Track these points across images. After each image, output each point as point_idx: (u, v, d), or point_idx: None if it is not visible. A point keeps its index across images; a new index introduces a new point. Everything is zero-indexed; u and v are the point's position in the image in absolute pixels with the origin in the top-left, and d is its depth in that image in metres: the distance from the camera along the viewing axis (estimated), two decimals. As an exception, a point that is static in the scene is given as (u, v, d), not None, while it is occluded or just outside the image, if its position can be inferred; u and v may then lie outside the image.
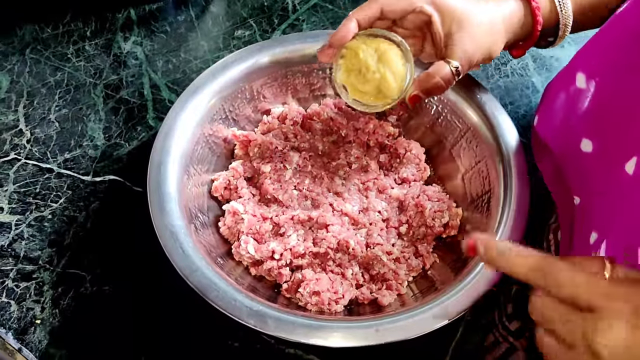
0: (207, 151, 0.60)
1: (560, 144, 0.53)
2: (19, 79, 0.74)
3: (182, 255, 0.48)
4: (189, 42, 0.78)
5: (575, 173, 0.50)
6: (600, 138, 0.47)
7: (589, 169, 0.47)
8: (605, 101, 0.46)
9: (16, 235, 0.61)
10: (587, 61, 0.50)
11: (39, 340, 0.55)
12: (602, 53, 0.48)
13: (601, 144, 0.46)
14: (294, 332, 0.45)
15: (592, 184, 0.47)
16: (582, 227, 0.48)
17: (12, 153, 0.67)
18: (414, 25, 0.54)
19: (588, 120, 0.48)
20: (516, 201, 0.54)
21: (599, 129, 0.47)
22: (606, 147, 0.46)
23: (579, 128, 0.49)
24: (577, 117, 0.50)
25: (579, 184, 0.49)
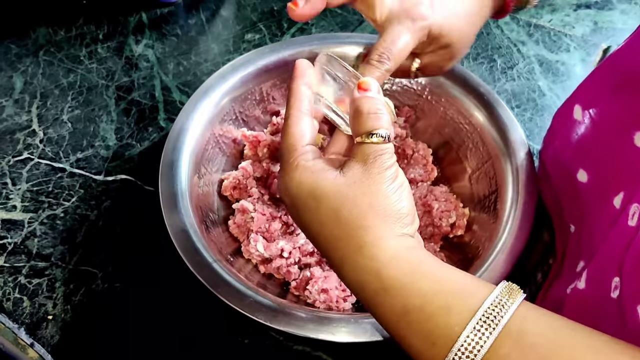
0: (217, 151, 0.61)
1: (559, 172, 0.54)
2: (33, 80, 0.75)
3: (193, 253, 0.49)
4: (199, 45, 0.79)
5: (571, 202, 0.51)
6: (594, 170, 0.48)
7: (584, 199, 0.48)
8: (598, 134, 0.48)
9: (29, 233, 0.62)
10: (584, 94, 0.51)
11: (51, 335, 0.56)
12: (597, 88, 0.49)
13: (595, 176, 0.47)
14: (304, 327, 0.45)
15: (585, 213, 0.48)
16: (573, 254, 0.49)
17: (26, 152, 0.69)
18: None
19: (584, 151, 0.49)
20: (523, 201, 0.54)
21: (593, 160, 0.48)
22: (599, 179, 0.47)
23: (576, 158, 0.50)
24: (575, 148, 0.51)
25: (574, 212, 0.50)
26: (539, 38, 0.80)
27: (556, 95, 0.74)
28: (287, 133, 0.39)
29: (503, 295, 0.31)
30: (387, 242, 0.34)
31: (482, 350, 0.29)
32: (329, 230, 0.35)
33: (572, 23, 0.82)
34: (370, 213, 0.34)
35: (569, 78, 0.76)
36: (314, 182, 0.36)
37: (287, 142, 0.38)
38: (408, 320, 0.32)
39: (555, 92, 0.74)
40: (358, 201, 0.34)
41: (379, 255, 0.33)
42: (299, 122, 0.39)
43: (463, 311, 0.31)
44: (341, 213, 0.35)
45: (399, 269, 0.33)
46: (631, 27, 0.80)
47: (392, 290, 0.33)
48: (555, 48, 0.79)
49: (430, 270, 0.33)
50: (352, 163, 0.36)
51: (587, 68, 0.76)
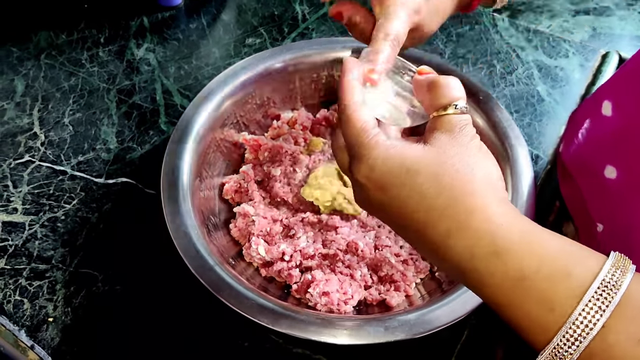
0: (218, 155, 0.61)
1: (584, 170, 0.53)
2: (34, 83, 0.76)
3: (195, 255, 0.49)
4: (200, 49, 0.79)
5: (598, 200, 0.50)
6: (625, 165, 0.47)
7: (613, 195, 0.48)
8: (630, 129, 0.47)
9: (30, 235, 0.62)
10: (614, 90, 0.51)
11: (51, 337, 0.56)
12: (629, 82, 0.49)
13: (625, 171, 0.47)
14: (306, 330, 0.46)
15: (616, 210, 0.48)
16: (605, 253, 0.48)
17: (27, 155, 0.69)
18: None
19: (613, 148, 0.49)
20: (522, 207, 0.54)
21: (624, 156, 0.47)
22: (631, 175, 0.46)
23: (603, 155, 0.50)
24: (602, 144, 0.51)
25: (602, 210, 0.50)
26: (538, 43, 0.81)
27: (555, 100, 0.74)
28: (352, 119, 0.37)
29: (618, 262, 0.30)
30: (496, 206, 0.33)
31: (605, 315, 0.29)
32: (432, 201, 0.33)
33: (571, 29, 0.83)
34: (473, 177, 0.33)
35: (568, 83, 0.76)
36: (403, 155, 0.35)
37: (355, 127, 0.37)
38: (524, 285, 0.31)
39: (554, 97, 0.74)
40: (458, 167, 0.34)
41: (492, 219, 0.32)
42: (359, 109, 0.38)
43: (583, 275, 0.30)
44: (444, 180, 0.33)
45: (513, 231, 0.32)
46: (630, 33, 0.81)
47: (507, 253, 0.31)
48: (554, 53, 0.79)
49: (542, 234, 0.32)
50: (438, 134, 0.35)
51: (585, 73, 0.77)
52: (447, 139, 0.35)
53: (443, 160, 0.34)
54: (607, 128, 0.50)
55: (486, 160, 0.35)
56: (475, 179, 0.33)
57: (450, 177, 0.33)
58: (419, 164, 0.34)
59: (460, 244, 0.33)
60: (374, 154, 0.35)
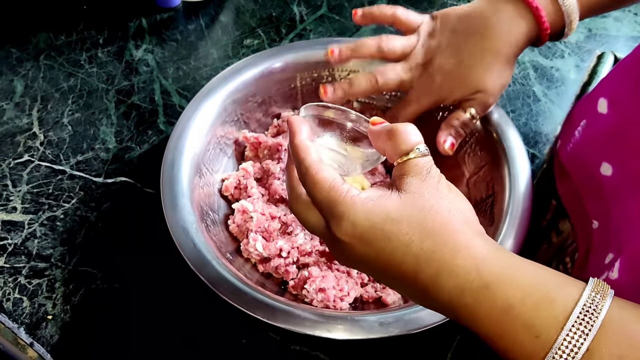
0: (218, 152, 0.62)
1: (580, 167, 0.54)
2: (33, 84, 0.76)
3: (193, 250, 0.50)
4: (199, 50, 0.80)
5: (594, 197, 0.51)
6: (620, 162, 0.48)
7: (608, 192, 0.49)
8: (626, 127, 0.48)
9: (29, 234, 0.63)
10: (610, 88, 0.52)
11: (51, 335, 0.56)
12: (625, 80, 0.50)
13: (621, 168, 0.47)
14: (302, 324, 0.46)
15: (610, 207, 0.48)
16: (599, 249, 0.49)
17: (26, 155, 0.69)
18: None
19: (608, 145, 0.49)
20: (519, 205, 0.55)
21: (619, 153, 0.48)
22: (626, 172, 0.47)
23: (599, 152, 0.50)
24: (598, 141, 0.51)
25: (597, 207, 0.50)
26: (533, 44, 0.81)
27: (551, 100, 0.75)
28: (319, 180, 0.37)
29: (597, 288, 0.32)
30: (477, 242, 0.34)
31: (589, 338, 0.30)
32: (418, 248, 0.34)
33: (567, 30, 0.83)
34: (452, 218, 0.34)
35: (564, 84, 0.77)
36: (384, 206, 0.35)
37: (325, 186, 0.37)
38: (511, 315, 0.32)
39: (550, 98, 0.75)
40: (437, 210, 0.35)
41: (477, 254, 0.33)
42: (322, 168, 0.38)
43: (564, 302, 0.31)
44: (427, 226, 0.34)
45: (497, 264, 0.33)
46: (625, 34, 0.81)
47: (493, 285, 0.32)
48: (549, 54, 0.80)
49: (524, 265, 0.34)
50: (409, 179, 0.36)
51: (581, 74, 0.78)
52: (418, 183, 0.36)
53: (422, 206, 0.35)
54: (602, 125, 0.51)
55: (457, 198, 0.36)
56: (454, 219, 0.35)
57: (432, 221, 0.34)
58: (401, 214, 0.35)
59: (450, 283, 0.34)
60: (354, 210, 0.36)
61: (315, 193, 0.38)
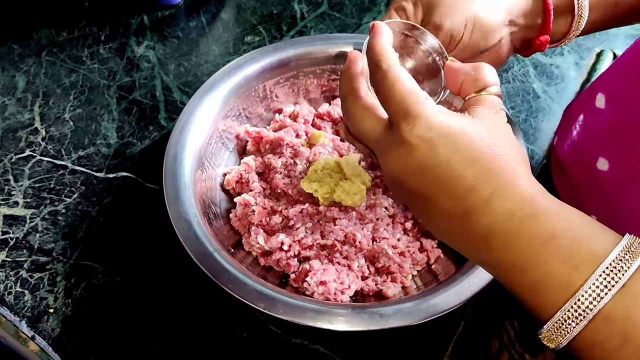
0: (220, 146, 0.62)
1: (577, 162, 0.54)
2: (35, 80, 0.76)
3: (195, 242, 0.50)
4: (200, 46, 0.80)
5: (591, 192, 0.51)
6: (617, 157, 0.48)
7: (605, 187, 0.49)
8: (623, 122, 0.48)
9: (31, 228, 0.63)
10: (609, 83, 0.52)
11: (52, 328, 0.56)
12: (623, 76, 0.50)
13: (618, 163, 0.48)
14: (302, 315, 0.46)
15: (607, 201, 0.48)
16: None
17: (28, 150, 0.69)
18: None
19: (605, 140, 0.50)
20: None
21: (616, 148, 0.48)
22: (623, 166, 0.47)
23: (596, 147, 0.51)
24: (595, 137, 0.51)
25: (595, 202, 0.51)
26: (533, 42, 0.82)
27: (550, 97, 0.75)
28: (399, 81, 0.37)
29: (636, 240, 0.32)
30: (533, 180, 0.36)
31: (627, 275, 0.31)
32: (484, 166, 0.34)
33: (566, 28, 0.84)
34: (519, 152, 0.36)
35: (563, 81, 0.77)
36: (459, 121, 0.35)
37: (405, 88, 0.36)
38: (554, 244, 0.33)
39: (549, 95, 0.75)
40: (506, 139, 0.36)
41: (533, 187, 0.35)
42: (404, 72, 0.38)
43: (606, 240, 0.32)
44: (495, 147, 0.35)
45: (550, 198, 0.35)
46: (624, 31, 0.82)
47: (542, 216, 0.33)
48: (549, 52, 0.80)
49: (571, 208, 0.35)
50: (482, 109, 0.37)
51: (580, 71, 0.78)
52: (491, 115, 0.37)
53: (494, 133, 0.36)
54: (600, 121, 0.51)
55: (519, 142, 0.38)
56: (520, 153, 0.36)
57: (501, 147, 0.35)
58: (476, 132, 0.35)
59: (502, 207, 0.34)
60: (433, 114, 0.35)
61: (394, 92, 0.37)
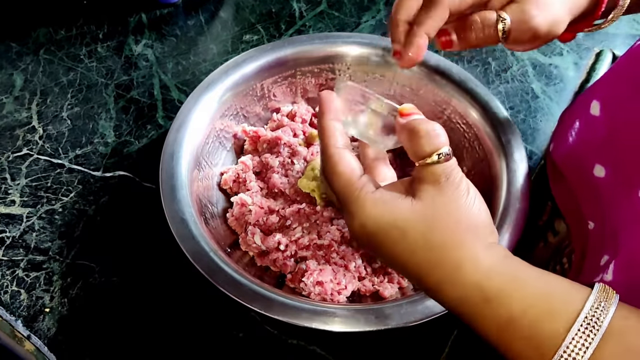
0: (217, 145, 0.62)
1: (574, 169, 0.54)
2: (33, 78, 0.76)
3: (191, 241, 0.50)
4: (198, 45, 0.80)
5: (589, 198, 0.51)
6: (613, 164, 0.48)
7: (602, 194, 0.49)
8: (618, 129, 0.48)
9: (27, 227, 0.63)
10: (603, 90, 0.52)
11: (48, 328, 0.56)
12: (618, 83, 0.49)
13: (614, 170, 0.47)
14: (298, 316, 0.46)
15: (605, 208, 0.48)
16: (595, 250, 0.49)
17: (25, 149, 0.69)
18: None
19: (601, 147, 0.49)
20: (516, 201, 0.55)
21: (611, 155, 0.48)
22: (619, 173, 0.47)
23: (592, 154, 0.50)
24: (591, 143, 0.51)
25: (593, 208, 0.50)
26: (533, 42, 0.81)
27: (549, 97, 0.75)
28: (337, 172, 0.38)
29: (601, 296, 0.32)
30: (482, 254, 0.34)
31: (588, 351, 0.30)
32: (421, 257, 0.35)
33: (566, 28, 0.83)
34: (460, 230, 0.35)
35: (562, 81, 0.77)
36: (392, 212, 0.36)
37: (341, 181, 0.38)
38: (512, 327, 0.32)
39: (548, 95, 0.75)
40: (445, 222, 0.35)
41: (479, 268, 0.34)
42: (343, 158, 0.38)
43: (566, 314, 0.31)
44: (432, 237, 0.35)
45: (499, 279, 0.33)
46: (623, 32, 0.81)
47: (495, 300, 0.33)
48: (548, 52, 0.80)
49: (529, 276, 0.34)
50: (424, 186, 0.36)
51: (579, 71, 0.78)
52: (434, 192, 0.36)
53: (431, 217, 0.35)
54: (595, 128, 0.51)
55: (474, 206, 0.36)
56: (463, 230, 0.35)
57: (438, 233, 0.35)
58: (408, 223, 0.35)
59: (451, 295, 0.35)
60: (364, 211, 0.36)
61: (333, 183, 0.39)
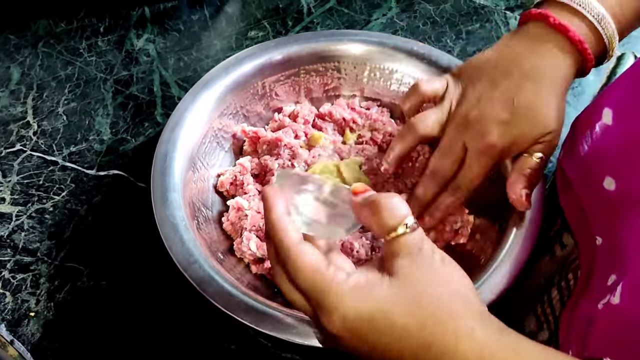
0: (215, 145, 0.59)
1: (583, 180, 0.50)
2: (30, 71, 0.74)
3: (181, 248, 0.47)
4: (201, 41, 0.77)
5: (597, 212, 0.48)
6: (623, 177, 0.44)
7: (612, 208, 0.45)
8: (630, 140, 0.44)
9: (16, 227, 0.60)
10: (616, 97, 0.48)
11: (32, 333, 0.54)
12: (630, 91, 0.46)
13: (625, 183, 0.44)
14: (289, 331, 0.43)
15: (614, 224, 0.45)
16: (602, 268, 0.45)
17: (18, 144, 0.67)
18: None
19: (612, 158, 0.46)
20: (530, 210, 0.52)
21: (622, 167, 0.45)
22: (630, 187, 0.43)
23: (602, 165, 0.47)
24: (601, 154, 0.48)
25: (601, 223, 0.47)
26: (551, 43, 0.77)
27: (567, 102, 0.70)
28: (300, 268, 0.34)
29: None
30: (479, 327, 0.33)
31: None
32: (416, 337, 0.33)
33: (586, 30, 0.79)
34: (449, 301, 0.33)
35: (581, 85, 0.73)
36: (373, 300, 0.33)
37: (308, 275, 0.34)
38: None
39: (567, 99, 0.71)
40: (431, 295, 0.33)
41: (478, 343, 0.32)
42: (302, 251, 0.35)
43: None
44: (422, 314, 0.33)
45: (500, 355, 0.32)
46: (647, 34, 0.77)
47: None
48: (568, 54, 0.76)
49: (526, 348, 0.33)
50: (398, 261, 0.34)
51: (599, 75, 0.74)
52: (409, 265, 0.34)
53: (415, 292, 0.33)
54: (607, 137, 0.47)
55: (453, 273, 0.35)
56: (452, 300, 0.33)
57: (428, 308, 0.33)
58: (393, 304, 0.33)
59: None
60: (343, 303, 0.33)
61: (299, 281, 0.35)
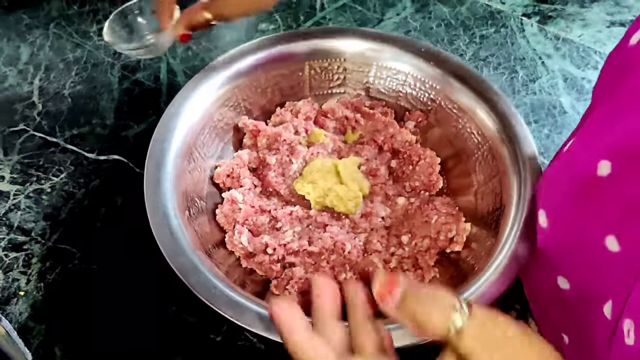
0: (213, 137, 0.58)
1: (541, 278, 0.49)
2: (39, 52, 0.74)
3: (169, 237, 0.46)
4: (212, 30, 0.77)
5: (560, 311, 0.47)
6: (573, 277, 0.43)
7: (572, 307, 0.44)
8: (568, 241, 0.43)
9: (13, 205, 0.60)
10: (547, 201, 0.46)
11: (20, 312, 0.53)
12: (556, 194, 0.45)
13: (577, 283, 0.43)
14: (272, 328, 0.42)
15: (578, 323, 0.44)
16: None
17: (22, 124, 0.67)
18: None
19: (557, 258, 0.45)
20: (526, 222, 0.50)
21: (570, 268, 0.44)
22: (582, 287, 0.43)
23: (552, 265, 0.46)
24: (547, 253, 0.47)
25: (565, 322, 0.46)
26: (566, 52, 0.76)
27: (578, 113, 0.69)
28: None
29: None
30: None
31: None
32: None
33: (604, 40, 0.78)
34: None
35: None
36: None
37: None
38: None
39: (577, 110, 0.69)
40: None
41: None
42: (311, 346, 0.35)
43: None
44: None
45: None
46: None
47: None
48: (582, 64, 0.74)
49: None
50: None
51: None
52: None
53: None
54: (546, 240, 0.46)
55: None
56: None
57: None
58: None
59: None
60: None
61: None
